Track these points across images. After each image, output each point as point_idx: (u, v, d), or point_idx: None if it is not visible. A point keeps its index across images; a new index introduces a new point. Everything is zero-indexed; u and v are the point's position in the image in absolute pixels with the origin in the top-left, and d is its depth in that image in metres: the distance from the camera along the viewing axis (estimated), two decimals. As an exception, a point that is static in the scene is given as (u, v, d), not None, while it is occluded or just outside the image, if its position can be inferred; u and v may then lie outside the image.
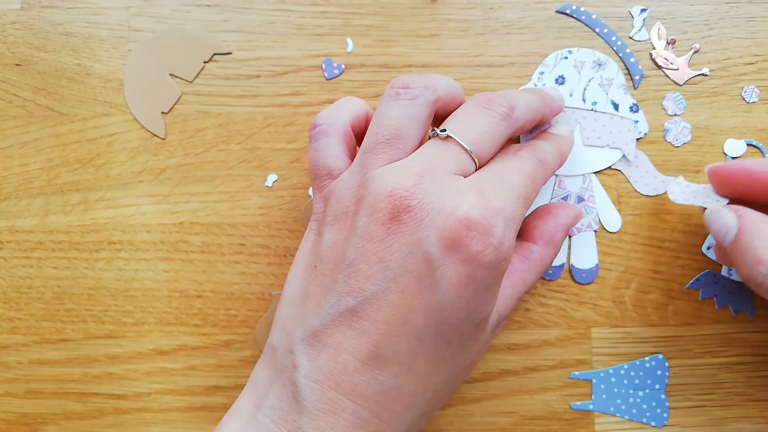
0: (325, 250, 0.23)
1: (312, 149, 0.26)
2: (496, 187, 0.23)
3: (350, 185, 0.24)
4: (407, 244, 0.22)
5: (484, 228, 0.21)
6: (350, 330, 0.22)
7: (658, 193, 0.30)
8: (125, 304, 0.30)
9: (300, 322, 0.23)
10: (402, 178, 0.22)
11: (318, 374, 0.22)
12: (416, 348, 0.22)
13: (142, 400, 0.30)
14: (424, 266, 0.21)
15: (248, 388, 0.24)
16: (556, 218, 0.28)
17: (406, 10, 0.31)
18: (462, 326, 0.22)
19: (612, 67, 0.31)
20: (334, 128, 0.25)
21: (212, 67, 0.31)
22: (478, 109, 0.25)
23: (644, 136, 0.30)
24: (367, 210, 0.22)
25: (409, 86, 0.24)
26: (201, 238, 0.30)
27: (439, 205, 0.22)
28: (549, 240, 0.27)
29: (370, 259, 0.22)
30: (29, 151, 0.31)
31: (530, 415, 0.30)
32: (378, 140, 0.24)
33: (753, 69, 0.31)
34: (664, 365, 0.30)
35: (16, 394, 0.30)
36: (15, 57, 0.31)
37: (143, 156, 0.31)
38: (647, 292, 0.30)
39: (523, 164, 0.25)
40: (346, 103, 0.26)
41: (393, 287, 0.22)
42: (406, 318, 0.22)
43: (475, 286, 0.22)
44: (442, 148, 0.23)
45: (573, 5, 0.31)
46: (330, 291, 0.22)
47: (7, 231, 0.31)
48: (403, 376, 0.22)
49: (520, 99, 0.26)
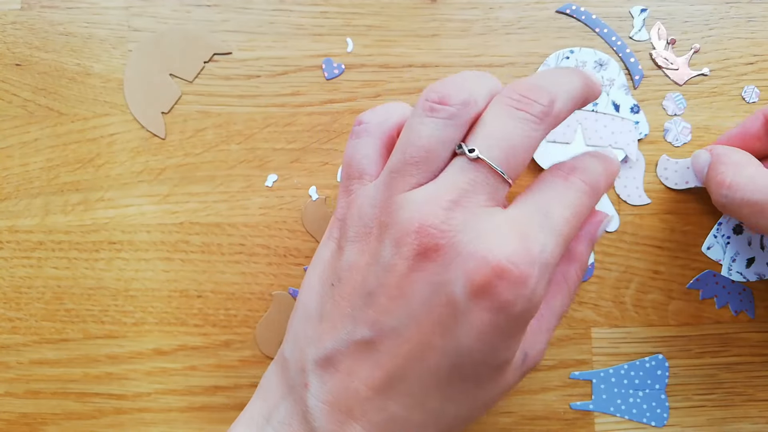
0: (344, 270, 0.22)
1: (350, 145, 0.24)
2: (537, 228, 0.21)
3: (374, 203, 0.22)
4: (432, 283, 0.20)
5: (517, 278, 0.20)
6: (364, 359, 0.21)
7: (629, 202, 0.30)
8: (125, 304, 0.30)
9: (314, 341, 0.22)
10: (431, 212, 0.20)
11: (329, 397, 0.21)
12: (429, 383, 0.21)
13: (142, 400, 0.30)
14: (447, 308, 0.20)
15: (259, 394, 0.24)
16: None
17: (406, 10, 0.31)
18: (479, 369, 0.22)
19: (613, 68, 0.31)
20: (378, 129, 0.24)
21: (212, 67, 0.31)
22: (509, 112, 0.21)
23: (645, 137, 0.30)
24: (392, 241, 0.21)
25: (447, 102, 0.21)
26: (201, 238, 0.30)
27: (471, 247, 0.20)
28: (569, 256, 0.25)
29: (391, 293, 0.21)
30: (29, 151, 0.31)
31: (530, 415, 0.30)
32: (406, 161, 0.22)
33: (753, 69, 0.31)
34: (664, 365, 0.30)
35: (16, 394, 0.30)
36: (15, 57, 0.31)
37: (143, 156, 0.31)
38: (647, 292, 0.30)
39: (572, 196, 0.22)
40: (396, 106, 0.25)
41: (412, 325, 0.21)
42: (422, 355, 0.21)
43: (498, 334, 0.21)
44: (472, 172, 0.21)
45: (573, 5, 0.31)
46: (346, 316, 0.22)
47: (7, 231, 0.31)
48: (414, 408, 0.22)
49: (561, 87, 0.22)
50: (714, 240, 0.30)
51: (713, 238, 0.30)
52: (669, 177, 0.29)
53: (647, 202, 0.30)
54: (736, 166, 0.26)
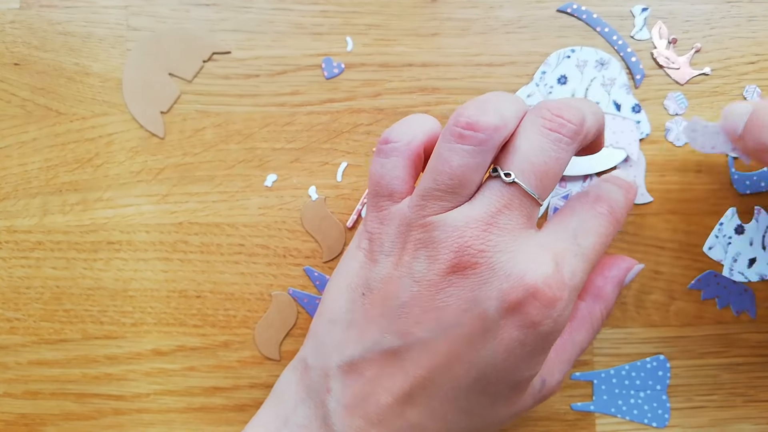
0: (376, 280, 0.23)
1: (378, 164, 0.24)
2: (570, 254, 0.22)
3: (409, 222, 0.22)
4: (466, 299, 0.21)
5: (549, 300, 0.21)
6: (389, 367, 0.22)
7: (636, 202, 0.30)
8: (124, 305, 0.30)
9: (339, 347, 0.23)
10: (468, 231, 0.21)
11: (351, 401, 0.22)
12: (449, 396, 0.22)
13: (140, 401, 0.30)
14: (478, 323, 0.21)
15: (273, 399, 0.24)
16: (603, 271, 0.27)
17: (406, 9, 0.31)
18: (498, 385, 0.22)
19: (615, 67, 0.30)
20: (407, 149, 0.24)
21: (211, 66, 0.31)
22: (543, 133, 0.22)
23: (646, 136, 0.30)
24: (428, 256, 0.22)
25: (477, 129, 0.22)
26: (200, 238, 0.30)
27: (508, 268, 0.21)
28: (597, 294, 0.26)
29: (424, 306, 0.21)
30: (28, 151, 0.31)
31: (531, 416, 0.30)
32: (437, 187, 0.22)
33: (754, 68, 0.31)
34: (666, 366, 0.30)
35: (14, 394, 0.30)
36: (13, 56, 0.31)
37: (142, 156, 0.31)
38: (648, 292, 0.30)
39: (600, 225, 0.23)
40: (422, 122, 0.25)
41: (443, 338, 0.21)
42: (447, 369, 0.21)
43: (523, 351, 0.21)
44: (507, 195, 0.22)
45: (574, 4, 0.31)
46: (375, 325, 0.22)
47: (6, 231, 0.30)
48: (432, 418, 0.22)
49: (588, 108, 0.23)
50: (715, 240, 0.30)
51: (715, 238, 0.30)
52: (697, 139, 0.29)
53: (649, 200, 0.30)
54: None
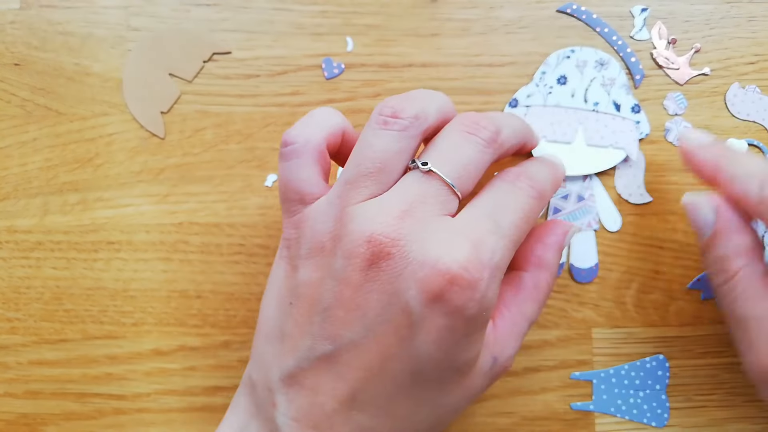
0: (300, 287, 0.22)
1: (282, 169, 0.24)
2: (487, 233, 0.21)
3: (327, 218, 0.22)
4: (386, 293, 0.21)
5: (468, 283, 0.20)
6: (327, 373, 0.22)
7: (631, 201, 0.30)
8: (124, 305, 0.30)
9: (277, 361, 0.23)
10: (382, 222, 0.21)
11: (297, 414, 0.22)
12: (393, 392, 0.22)
13: (141, 401, 0.30)
14: (402, 317, 0.21)
15: (230, 414, 0.24)
16: (541, 239, 0.26)
17: (406, 9, 0.31)
18: (441, 372, 0.22)
19: (614, 67, 0.30)
20: (307, 148, 0.23)
21: (211, 66, 0.31)
22: (461, 135, 0.23)
23: (645, 136, 0.30)
24: (344, 252, 0.21)
25: (399, 116, 0.22)
26: (200, 238, 0.30)
27: (421, 255, 0.21)
28: (538, 263, 0.25)
29: (347, 306, 0.21)
30: (28, 151, 0.31)
31: (530, 416, 0.30)
32: (360, 173, 0.22)
33: (754, 68, 0.31)
34: (665, 366, 0.30)
35: (15, 394, 0.30)
36: (13, 56, 0.31)
37: (142, 156, 0.31)
38: (648, 292, 0.30)
39: (520, 200, 0.23)
40: (321, 117, 0.24)
41: (370, 336, 0.21)
42: (382, 365, 0.21)
43: (455, 337, 0.21)
44: (424, 184, 0.22)
45: (573, 4, 0.31)
46: (306, 333, 0.22)
47: (6, 231, 0.30)
48: (380, 417, 0.22)
49: (506, 121, 0.24)
50: (715, 240, 0.30)
51: (714, 238, 0.30)
52: (735, 104, 0.30)
53: (649, 200, 0.30)
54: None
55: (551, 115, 0.30)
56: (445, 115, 0.24)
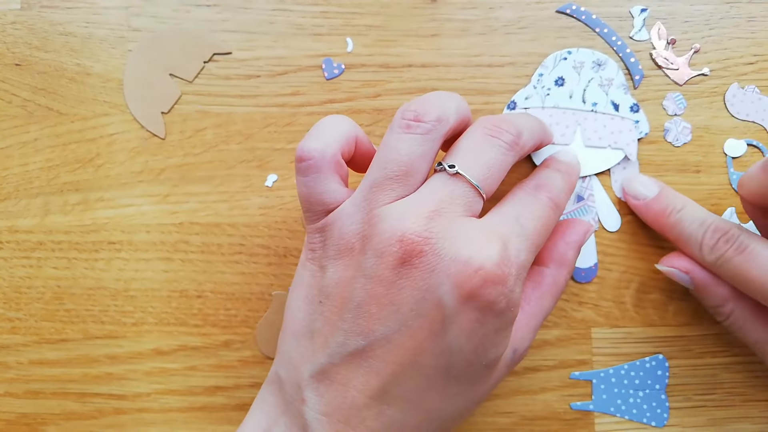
0: (330, 286, 0.23)
1: (302, 184, 0.24)
2: (512, 234, 0.23)
3: (354, 220, 0.23)
4: (419, 289, 0.21)
5: (499, 279, 0.21)
6: (359, 368, 0.22)
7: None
8: (125, 305, 0.30)
9: (308, 358, 0.23)
10: (412, 221, 0.22)
11: (327, 408, 0.22)
12: (424, 386, 0.22)
13: (141, 401, 0.30)
14: (436, 312, 0.21)
15: (256, 411, 0.24)
16: (565, 237, 0.27)
17: (406, 10, 0.31)
18: (471, 368, 0.23)
19: (612, 67, 0.31)
20: (324, 162, 0.24)
21: (212, 66, 0.31)
22: (484, 138, 0.24)
23: (645, 136, 0.30)
24: (375, 251, 0.22)
25: (422, 119, 0.23)
26: (201, 238, 0.30)
27: (453, 252, 0.21)
28: (560, 261, 0.27)
29: (380, 302, 0.22)
30: (29, 151, 0.31)
31: (530, 415, 0.30)
32: (386, 176, 0.23)
33: (753, 69, 0.31)
34: (665, 365, 0.30)
35: (15, 394, 0.30)
36: (15, 57, 0.31)
37: (143, 156, 0.31)
38: (648, 292, 0.30)
39: (540, 210, 0.25)
40: (333, 127, 0.25)
41: (404, 330, 0.22)
42: (415, 359, 0.22)
43: (486, 332, 0.22)
44: (451, 186, 0.23)
45: (573, 5, 0.31)
46: (338, 329, 0.22)
47: (7, 231, 0.30)
48: (411, 411, 0.22)
49: (525, 123, 0.25)
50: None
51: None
52: (734, 104, 0.30)
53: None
54: None
55: (549, 117, 0.30)
56: (463, 116, 0.25)
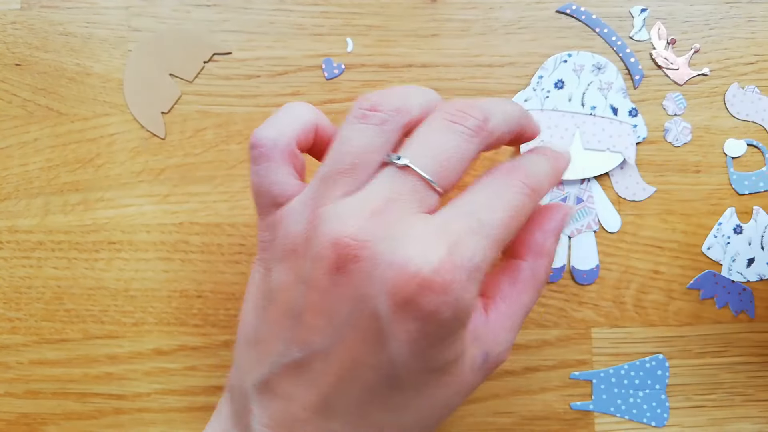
0: (273, 291, 0.22)
1: (253, 173, 0.23)
2: (466, 231, 0.20)
3: (300, 219, 0.21)
4: (353, 298, 0.19)
5: (440, 286, 0.19)
6: (298, 381, 0.21)
7: (636, 199, 0.30)
8: (125, 305, 0.30)
9: (252, 367, 0.22)
10: (350, 222, 0.20)
11: (270, 421, 0.21)
12: (366, 399, 0.20)
13: (141, 401, 0.30)
14: (371, 323, 0.19)
15: (213, 421, 0.24)
16: (542, 225, 0.24)
17: (406, 10, 0.31)
18: (418, 376, 0.21)
19: (611, 71, 0.31)
20: (275, 151, 0.22)
21: (212, 66, 0.31)
22: (443, 124, 0.21)
23: (642, 140, 0.30)
24: (312, 255, 0.20)
25: (378, 108, 0.21)
26: (201, 238, 0.30)
27: (389, 256, 0.19)
28: (538, 251, 0.24)
29: (315, 311, 0.20)
30: (29, 151, 0.31)
31: (530, 415, 0.30)
32: (336, 170, 0.21)
33: (753, 69, 0.31)
34: (665, 365, 0.30)
35: (15, 394, 0.30)
36: (15, 57, 0.31)
37: (143, 156, 0.31)
38: (647, 292, 0.30)
39: (510, 196, 0.21)
40: (290, 114, 0.23)
41: (340, 344, 0.20)
42: (353, 372, 0.20)
43: (429, 342, 0.20)
44: (399, 180, 0.20)
45: (573, 5, 0.31)
46: (279, 338, 0.21)
47: (7, 231, 0.30)
48: (355, 424, 0.21)
49: (496, 107, 0.22)
50: (714, 240, 0.30)
51: (713, 238, 0.30)
52: (734, 104, 0.30)
53: (653, 191, 0.30)
54: None
55: (548, 120, 0.30)
56: (431, 110, 0.22)
